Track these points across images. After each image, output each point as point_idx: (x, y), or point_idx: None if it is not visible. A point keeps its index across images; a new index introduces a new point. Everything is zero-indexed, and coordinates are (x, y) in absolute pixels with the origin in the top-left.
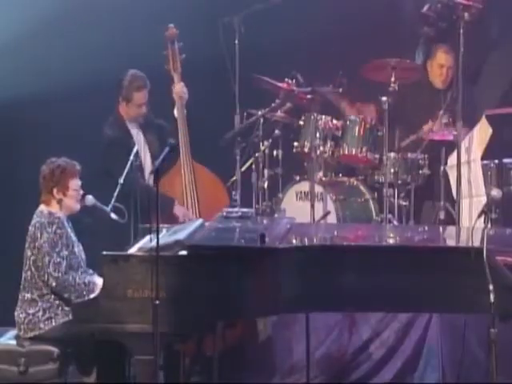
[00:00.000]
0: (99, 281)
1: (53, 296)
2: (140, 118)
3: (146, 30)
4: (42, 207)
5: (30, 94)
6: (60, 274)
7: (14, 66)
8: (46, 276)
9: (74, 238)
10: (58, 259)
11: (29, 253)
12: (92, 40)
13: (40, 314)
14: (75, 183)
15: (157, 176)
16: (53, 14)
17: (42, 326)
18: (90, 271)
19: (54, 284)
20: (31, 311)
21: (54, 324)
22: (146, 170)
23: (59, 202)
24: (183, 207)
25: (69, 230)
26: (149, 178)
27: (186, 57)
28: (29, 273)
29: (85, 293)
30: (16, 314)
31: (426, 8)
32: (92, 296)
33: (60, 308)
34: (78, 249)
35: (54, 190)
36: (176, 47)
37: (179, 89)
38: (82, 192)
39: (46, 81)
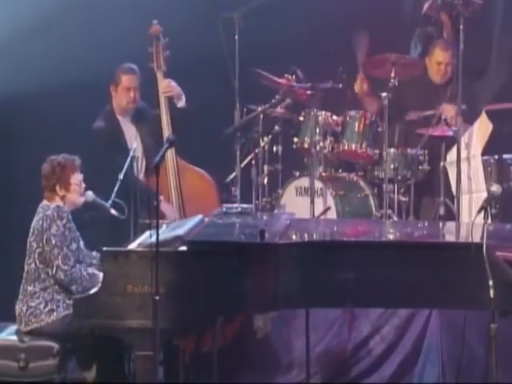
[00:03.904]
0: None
1: (55, 289)
2: (130, 108)
3: (145, 26)
4: (46, 202)
5: (28, 91)
6: (69, 267)
7: (12, 63)
8: (55, 269)
9: (77, 232)
10: (67, 252)
11: (34, 245)
12: (92, 36)
13: (42, 306)
14: (76, 177)
15: (157, 172)
16: (54, 9)
17: (43, 317)
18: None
19: (62, 277)
20: (33, 304)
21: (55, 316)
22: (137, 163)
23: (62, 198)
24: (169, 205)
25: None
26: (139, 172)
27: (170, 54)
28: (32, 265)
29: (90, 285)
30: (17, 307)
31: (427, 6)
32: (92, 291)
33: (62, 301)
34: (82, 242)
35: (57, 187)
36: (160, 44)
37: (164, 85)
38: (84, 185)
39: (44, 78)
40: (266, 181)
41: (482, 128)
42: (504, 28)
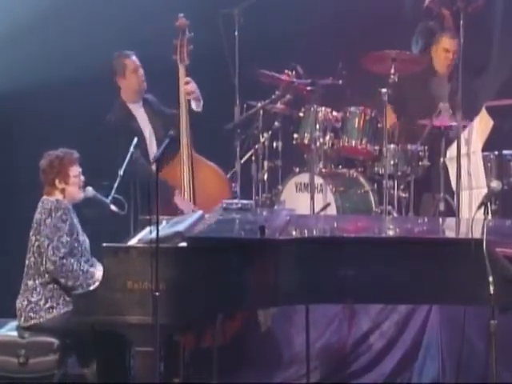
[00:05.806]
0: (99, 272)
1: (55, 285)
2: (143, 88)
3: (145, 21)
4: (46, 197)
5: (27, 88)
6: (57, 258)
7: (12, 58)
8: (45, 259)
9: (79, 226)
10: (58, 244)
11: (33, 239)
12: (91, 32)
13: (42, 302)
14: (75, 170)
15: (157, 167)
16: (52, 5)
17: (42, 314)
18: (94, 259)
19: (51, 268)
20: (33, 299)
21: (54, 313)
22: (150, 153)
23: (62, 191)
24: (186, 200)
25: (74, 218)
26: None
27: (193, 48)
28: (32, 259)
29: (81, 280)
30: (18, 301)
31: (428, 0)
32: (92, 288)
33: (62, 298)
34: (83, 238)
35: (56, 181)
36: (186, 38)
37: (186, 86)
38: (83, 178)
39: (43, 74)
40: (265, 177)
41: (482, 124)
42: (505, 28)
